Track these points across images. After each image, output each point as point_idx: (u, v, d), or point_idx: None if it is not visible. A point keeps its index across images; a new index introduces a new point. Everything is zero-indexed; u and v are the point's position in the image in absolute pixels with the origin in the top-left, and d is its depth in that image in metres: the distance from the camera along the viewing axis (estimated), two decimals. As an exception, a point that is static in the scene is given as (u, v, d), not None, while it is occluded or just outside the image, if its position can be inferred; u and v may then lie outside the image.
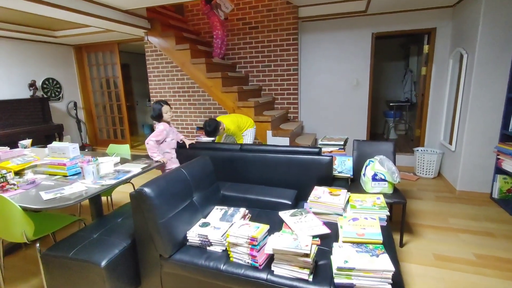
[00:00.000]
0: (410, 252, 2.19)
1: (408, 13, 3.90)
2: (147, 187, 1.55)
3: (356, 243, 1.46)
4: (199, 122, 4.92)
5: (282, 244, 1.39)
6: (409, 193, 3.33)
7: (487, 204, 2.99)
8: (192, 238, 1.68)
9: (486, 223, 2.59)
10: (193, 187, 1.91)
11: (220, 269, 1.49)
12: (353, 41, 4.23)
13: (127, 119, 5.89)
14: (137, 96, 7.69)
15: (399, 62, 6.31)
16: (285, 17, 4.25)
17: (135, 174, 2.13)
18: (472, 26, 3.10)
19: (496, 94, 2.97)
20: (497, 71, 2.93)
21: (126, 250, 1.69)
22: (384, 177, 2.29)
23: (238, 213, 1.90)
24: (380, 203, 1.91)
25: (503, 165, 2.84)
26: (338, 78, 4.41)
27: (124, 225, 1.92)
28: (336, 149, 2.85)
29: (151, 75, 5.08)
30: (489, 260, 2.08)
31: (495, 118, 3.01)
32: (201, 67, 3.67)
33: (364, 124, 4.45)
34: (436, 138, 4.07)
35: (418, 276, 1.93)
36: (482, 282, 1.86)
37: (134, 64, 7.34)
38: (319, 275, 1.40)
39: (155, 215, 1.55)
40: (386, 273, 1.24)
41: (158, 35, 3.87)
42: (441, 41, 3.89)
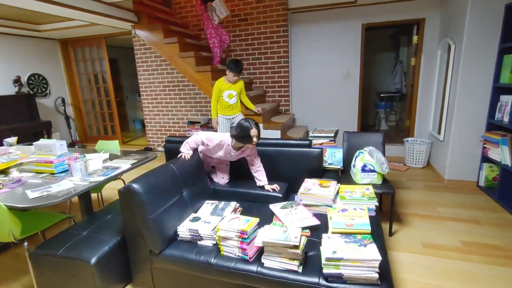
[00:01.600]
0: (399, 241, 2.23)
1: (398, 4, 3.90)
2: (135, 183, 1.54)
3: (345, 234, 1.48)
4: (190, 117, 4.88)
5: (272, 237, 1.40)
6: (399, 183, 3.38)
7: (474, 192, 3.06)
8: (183, 233, 1.68)
9: (472, 211, 2.65)
10: (183, 182, 1.90)
11: (211, 263, 1.50)
12: (343, 32, 4.22)
13: (117, 114, 5.81)
14: (127, 91, 7.58)
15: (390, 53, 6.33)
16: (275, 9, 4.20)
17: (124, 170, 2.10)
18: (459, 17, 3.11)
19: (482, 84, 3.01)
20: (483, 61, 2.96)
21: (116, 246, 1.69)
22: (373, 168, 2.31)
23: (228, 207, 1.91)
24: (369, 193, 1.94)
25: (489, 153, 2.89)
26: (329, 69, 4.41)
27: (114, 221, 1.90)
28: (327, 141, 2.86)
29: (140, 70, 5.00)
30: (475, 247, 2.13)
31: (481, 108, 3.05)
32: (190, 61, 3.62)
33: (355, 116, 4.48)
34: (426, 128, 4.13)
35: (407, 264, 1.97)
36: (468, 268, 1.91)
37: (123, 59, 7.20)
38: (309, 266, 1.42)
39: (144, 211, 1.54)
40: (373, 262, 1.26)
41: (145, 28, 3.79)
42: (430, 31, 3.91)
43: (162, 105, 5.05)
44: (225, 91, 3.15)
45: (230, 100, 3.20)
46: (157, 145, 5.31)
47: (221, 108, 3.27)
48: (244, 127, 1.96)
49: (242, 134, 1.96)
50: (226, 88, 3.14)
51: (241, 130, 1.97)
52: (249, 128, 1.95)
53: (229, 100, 3.20)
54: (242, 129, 1.96)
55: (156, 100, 5.06)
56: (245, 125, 1.96)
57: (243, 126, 1.97)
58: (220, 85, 3.14)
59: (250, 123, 1.98)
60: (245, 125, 1.96)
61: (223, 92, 3.15)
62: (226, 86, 3.14)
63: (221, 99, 3.20)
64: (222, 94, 3.17)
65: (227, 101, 3.19)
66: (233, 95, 3.20)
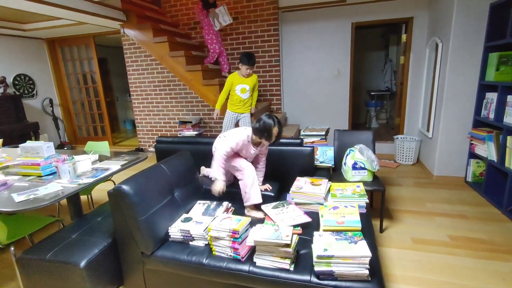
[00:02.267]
0: (390, 237, 2.27)
1: (386, 3, 3.95)
2: (125, 185, 1.52)
3: (336, 231, 1.50)
4: (181, 116, 4.85)
5: (263, 236, 1.41)
6: (389, 180, 3.43)
7: (461, 187, 3.13)
8: (174, 233, 1.67)
9: (460, 206, 2.71)
10: (174, 183, 1.89)
11: (203, 263, 1.49)
12: (334, 31, 4.25)
13: (107, 115, 5.73)
14: (117, 91, 7.47)
15: (380, 52, 6.40)
16: (265, 7, 4.20)
17: (114, 172, 2.08)
18: (446, 16, 3.17)
19: (469, 82, 3.07)
20: (470, 59, 3.03)
21: (106, 249, 1.66)
22: (364, 165, 2.34)
23: (221, 207, 1.90)
24: (360, 191, 1.96)
25: (476, 149, 2.96)
26: (320, 68, 4.44)
27: (105, 223, 1.88)
28: (318, 139, 2.88)
29: (130, 69, 4.94)
30: (462, 241, 2.18)
31: (468, 105, 3.12)
32: (180, 60, 3.59)
33: (346, 114, 4.52)
34: (415, 125, 4.20)
35: (397, 260, 2.00)
36: (455, 262, 1.95)
37: (112, 58, 7.10)
38: (301, 264, 1.42)
39: (135, 212, 1.53)
40: (363, 258, 1.28)
41: (135, 27, 3.74)
42: (418, 30, 3.97)
43: (152, 105, 5.00)
44: (238, 85, 3.12)
45: (243, 95, 3.17)
46: (148, 146, 5.26)
47: (231, 103, 3.24)
48: (268, 122, 1.91)
49: (264, 128, 1.91)
50: (239, 82, 3.12)
51: (264, 124, 1.92)
52: (271, 125, 1.91)
53: (242, 95, 3.16)
54: (265, 124, 1.91)
55: (147, 100, 5.00)
56: (268, 121, 1.91)
57: (266, 121, 1.92)
58: (232, 79, 3.12)
59: (274, 120, 1.93)
60: (268, 121, 1.92)
61: (236, 86, 3.12)
62: (239, 79, 3.12)
63: (233, 93, 3.16)
64: (235, 88, 3.13)
65: (239, 95, 3.16)
66: (246, 90, 3.16)
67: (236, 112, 3.24)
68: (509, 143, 2.45)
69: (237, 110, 3.24)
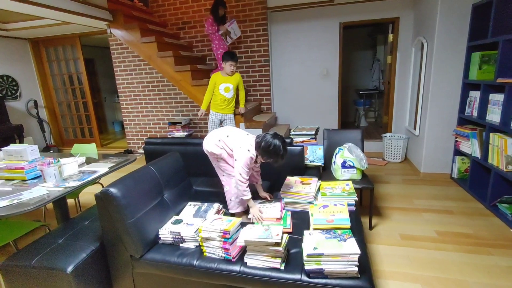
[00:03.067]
0: (379, 234, 2.31)
1: (373, 3, 4.01)
2: (113, 187, 1.50)
3: (326, 230, 1.51)
4: (171, 117, 4.80)
5: (254, 235, 1.41)
6: (378, 177, 3.49)
7: (447, 184, 3.21)
8: (164, 236, 1.65)
9: (446, 202, 2.78)
10: (163, 184, 1.87)
11: (193, 265, 1.48)
12: (322, 31, 4.28)
13: (95, 116, 5.62)
14: (105, 92, 7.35)
15: (367, 51, 6.49)
16: (254, 7, 4.20)
17: (101, 174, 2.04)
18: (430, 16, 3.24)
19: (453, 80, 3.15)
20: (453, 58, 3.10)
21: (94, 253, 1.63)
22: (353, 164, 2.37)
23: (212, 209, 1.89)
24: (349, 189, 1.98)
25: (461, 146, 3.04)
26: (309, 68, 4.47)
27: (92, 227, 1.84)
28: (308, 138, 2.91)
29: (117, 70, 4.86)
30: (448, 236, 2.24)
31: (453, 103, 3.20)
32: (169, 61, 3.56)
33: (336, 113, 4.56)
34: (402, 124, 4.27)
35: (386, 256, 2.04)
36: (442, 257, 2.00)
37: (100, 59, 6.97)
38: (291, 263, 1.43)
39: (123, 215, 1.50)
40: (352, 256, 1.29)
41: (122, 27, 3.69)
42: (404, 30, 4.04)
43: (141, 106, 4.93)
44: (222, 84, 3.13)
45: (227, 94, 3.17)
46: (138, 147, 5.19)
47: (215, 104, 3.23)
48: (277, 146, 1.70)
49: (275, 152, 1.71)
50: (222, 81, 3.13)
51: (274, 148, 1.71)
52: (280, 149, 1.71)
53: (226, 94, 3.17)
54: (275, 148, 1.70)
55: (135, 101, 4.93)
56: (277, 145, 1.70)
57: (276, 145, 1.70)
58: (215, 78, 3.12)
59: (281, 143, 1.72)
60: (277, 144, 1.71)
61: (219, 85, 3.13)
62: (223, 78, 3.13)
63: (217, 93, 3.16)
64: (219, 87, 3.14)
65: (223, 94, 3.16)
66: (230, 89, 3.17)
67: (220, 112, 3.25)
68: (492, 140, 2.52)
69: (221, 110, 3.25)
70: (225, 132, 1.93)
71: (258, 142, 1.76)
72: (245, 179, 1.78)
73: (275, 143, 1.71)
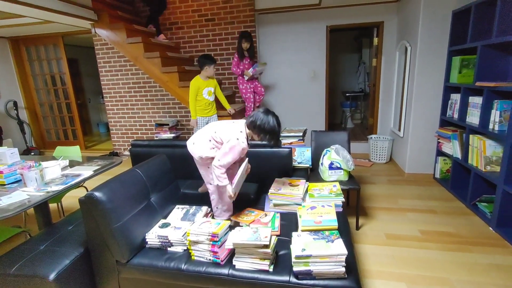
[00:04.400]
0: (365, 234, 2.35)
1: (359, 7, 4.09)
2: (97, 191, 1.46)
3: (314, 231, 1.53)
4: (158, 119, 4.74)
5: (242, 238, 1.41)
6: (364, 178, 3.55)
7: (430, 184, 3.30)
8: (152, 240, 1.62)
9: (429, 202, 2.86)
10: (150, 188, 1.84)
11: (181, 269, 1.47)
12: (309, 34, 4.34)
13: (79, 118, 5.47)
14: (89, 93, 7.16)
15: (354, 54, 6.62)
16: (242, 9, 4.21)
17: (86, 178, 1.99)
18: (413, 21, 3.34)
19: (435, 83, 3.26)
20: (436, 62, 3.21)
21: (78, 259, 1.59)
22: (340, 165, 2.40)
23: (200, 212, 1.88)
24: (336, 190, 2.01)
25: (443, 147, 3.14)
26: (296, 70, 4.51)
27: (76, 232, 1.79)
28: (296, 140, 2.93)
29: (102, 70, 4.76)
30: (431, 235, 2.30)
31: (435, 106, 3.30)
32: (156, 61, 3.51)
33: (323, 115, 4.62)
34: (387, 125, 4.37)
35: (372, 256, 2.07)
36: (426, 255, 2.06)
37: (84, 59, 6.80)
38: (280, 265, 1.44)
39: (109, 219, 1.47)
40: (340, 256, 1.31)
41: (107, 27, 3.61)
42: (389, 34, 4.14)
43: (127, 107, 4.84)
44: (205, 88, 3.16)
45: (210, 97, 3.22)
46: (123, 150, 5.09)
47: (200, 109, 3.24)
48: (271, 123, 1.70)
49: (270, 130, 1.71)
50: (205, 85, 3.16)
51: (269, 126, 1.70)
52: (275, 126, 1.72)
53: (209, 97, 3.22)
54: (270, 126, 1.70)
55: (121, 102, 4.84)
56: (271, 122, 1.70)
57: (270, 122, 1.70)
58: (198, 83, 3.13)
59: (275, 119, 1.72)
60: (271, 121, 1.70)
61: (203, 89, 3.15)
62: (204, 83, 3.16)
63: (201, 98, 3.18)
64: (202, 92, 3.15)
65: (207, 98, 3.20)
66: (212, 92, 3.24)
67: (206, 116, 3.30)
68: (471, 142, 2.62)
69: (207, 114, 3.30)
70: (211, 128, 1.84)
71: (253, 121, 1.73)
72: (223, 168, 1.71)
73: (269, 120, 1.70)
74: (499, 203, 2.25)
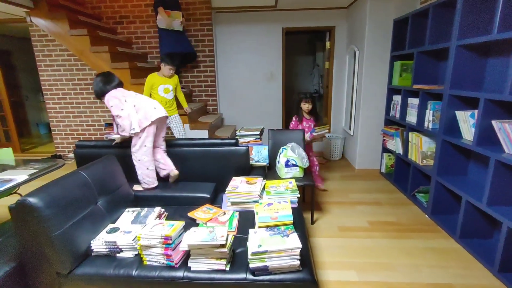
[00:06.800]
0: (319, 228, 2.46)
1: (312, 11, 4.27)
2: (32, 197, 1.31)
3: (270, 227, 1.55)
4: (107, 118, 4.42)
5: (198, 239, 1.37)
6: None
7: (377, 178, 3.58)
8: (98, 247, 1.50)
9: (376, 194, 3.10)
10: (97, 191, 1.71)
11: (132, 275, 1.38)
12: (266, 35, 4.41)
13: (13, 118, 4.87)
14: (27, 90, 6.41)
15: (309, 57, 6.89)
16: (198, 7, 4.13)
17: (19, 183, 1.78)
18: (360, 27, 3.59)
19: (380, 86, 3.54)
20: (381, 65, 3.48)
21: (10, 274, 1.40)
22: (296, 162, 2.48)
23: (152, 213, 1.79)
24: (292, 186, 2.07)
25: (387, 144, 3.42)
26: (254, 70, 4.56)
27: (7, 244, 1.59)
28: (253, 139, 2.95)
29: (41, 65, 4.30)
30: (378, 225, 2.49)
31: (381, 106, 3.59)
32: (104, 56, 3.28)
33: (280, 114, 4.74)
34: (340, 124, 4.64)
35: (326, 248, 2.18)
36: (373, 244, 2.22)
37: (18, 51, 6.07)
38: (237, 263, 1.43)
39: (47, 227, 1.33)
40: (294, 250, 1.35)
41: (45, 16, 3.27)
42: (340, 38, 4.39)
43: (72, 105, 4.44)
44: (160, 85, 3.01)
45: (167, 95, 3.07)
46: (68, 152, 4.65)
47: None
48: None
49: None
50: (161, 82, 3.00)
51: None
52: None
53: (166, 95, 3.06)
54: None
55: (65, 100, 4.42)
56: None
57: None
58: (152, 80, 2.98)
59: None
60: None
61: (158, 86, 3.00)
62: (160, 80, 3.01)
63: (156, 95, 3.02)
64: (157, 89, 3.01)
65: (163, 96, 3.05)
66: (170, 90, 3.08)
67: None
68: (411, 138, 2.89)
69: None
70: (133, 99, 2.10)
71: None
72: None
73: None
74: (433, 193, 2.52)
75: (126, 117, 2.01)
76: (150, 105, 2.11)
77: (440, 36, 2.57)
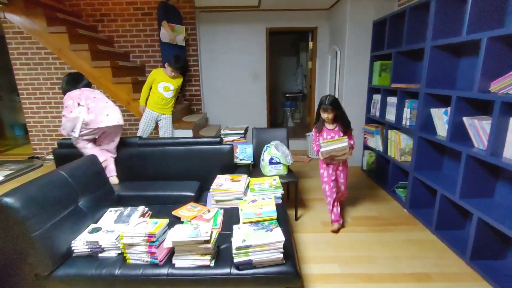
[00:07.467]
0: (303, 224, 2.51)
1: (295, 12, 4.34)
2: (7, 197, 1.27)
3: (255, 222, 1.57)
4: (88, 118, 4.30)
5: (182, 236, 1.37)
6: (303, 173, 3.78)
7: (359, 175, 3.68)
8: (79, 247, 1.47)
9: (358, 190, 3.18)
10: (79, 191, 1.68)
11: (115, 275, 1.37)
12: (250, 35, 4.44)
13: (-14, 118, 4.65)
14: (0, 90, 6.14)
15: (292, 57, 6.97)
16: (181, 5, 4.10)
17: (-6, 184, 1.71)
18: (341, 28, 3.68)
19: (361, 85, 3.64)
20: (361, 65, 3.59)
21: (-15, 278, 1.36)
22: (279, 160, 2.52)
23: (136, 213, 1.78)
24: (276, 183, 2.10)
25: (368, 142, 3.53)
26: (239, 70, 4.57)
27: (-18, 248, 1.53)
28: (238, 137, 2.97)
29: (17, 63, 4.15)
30: (360, 220, 2.57)
31: (362, 105, 3.69)
32: (84, 55, 3.20)
33: (264, 114, 4.77)
34: (323, 123, 4.72)
35: (310, 243, 2.23)
36: (355, 238, 2.29)
37: (-9, 49, 5.80)
38: (221, 258, 1.44)
39: (25, 228, 1.30)
40: (278, 244, 1.38)
41: (21, 12, 3.15)
42: (322, 39, 4.48)
43: (50, 105, 4.30)
44: (161, 82, 3.01)
45: (167, 93, 3.06)
46: (47, 153, 4.49)
47: (151, 101, 3.07)
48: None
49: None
50: (163, 79, 3.00)
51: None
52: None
53: (165, 93, 3.05)
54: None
55: (42, 100, 4.27)
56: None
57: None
58: (156, 74, 2.99)
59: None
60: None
61: (159, 82, 3.00)
62: (164, 77, 3.01)
63: (155, 91, 3.02)
64: (158, 85, 3.00)
65: (161, 93, 3.04)
66: (170, 89, 3.07)
67: (156, 112, 3.11)
68: (390, 136, 3.00)
69: (159, 110, 3.12)
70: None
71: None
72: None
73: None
74: (410, 188, 2.62)
75: (71, 120, 2.03)
76: (104, 111, 2.10)
77: (416, 37, 2.68)
